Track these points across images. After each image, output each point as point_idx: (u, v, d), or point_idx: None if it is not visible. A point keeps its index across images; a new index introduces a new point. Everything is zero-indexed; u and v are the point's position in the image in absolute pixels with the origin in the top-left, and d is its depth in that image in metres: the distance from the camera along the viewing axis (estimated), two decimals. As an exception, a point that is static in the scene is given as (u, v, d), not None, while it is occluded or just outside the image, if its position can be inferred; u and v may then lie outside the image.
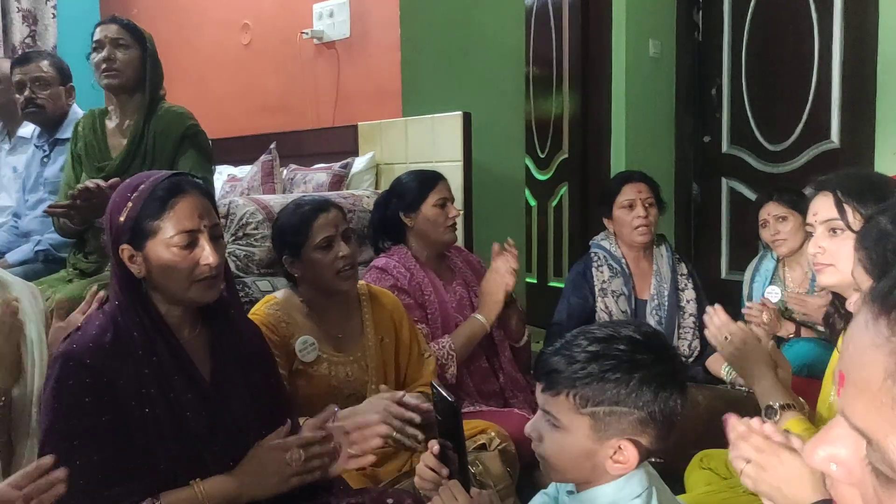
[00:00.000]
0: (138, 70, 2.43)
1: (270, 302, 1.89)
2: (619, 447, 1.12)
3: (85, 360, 1.29)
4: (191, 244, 1.34)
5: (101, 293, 1.84)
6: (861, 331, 0.55)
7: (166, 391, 1.33)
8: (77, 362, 1.29)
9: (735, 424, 1.11)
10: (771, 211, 2.58)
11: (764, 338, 1.55)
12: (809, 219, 1.47)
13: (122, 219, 1.34)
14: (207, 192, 1.44)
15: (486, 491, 1.20)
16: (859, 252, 1.22)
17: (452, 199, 2.36)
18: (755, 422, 1.13)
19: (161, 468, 1.29)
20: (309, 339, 1.84)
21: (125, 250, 1.35)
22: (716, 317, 1.59)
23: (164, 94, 2.53)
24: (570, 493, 1.23)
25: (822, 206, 1.43)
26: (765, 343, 1.53)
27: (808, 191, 1.51)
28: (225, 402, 1.38)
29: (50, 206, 2.37)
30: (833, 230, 1.41)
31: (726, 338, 1.56)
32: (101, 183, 2.21)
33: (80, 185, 2.25)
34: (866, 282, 1.22)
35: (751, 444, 1.07)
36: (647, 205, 2.50)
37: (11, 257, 2.76)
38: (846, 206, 1.39)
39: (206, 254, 1.35)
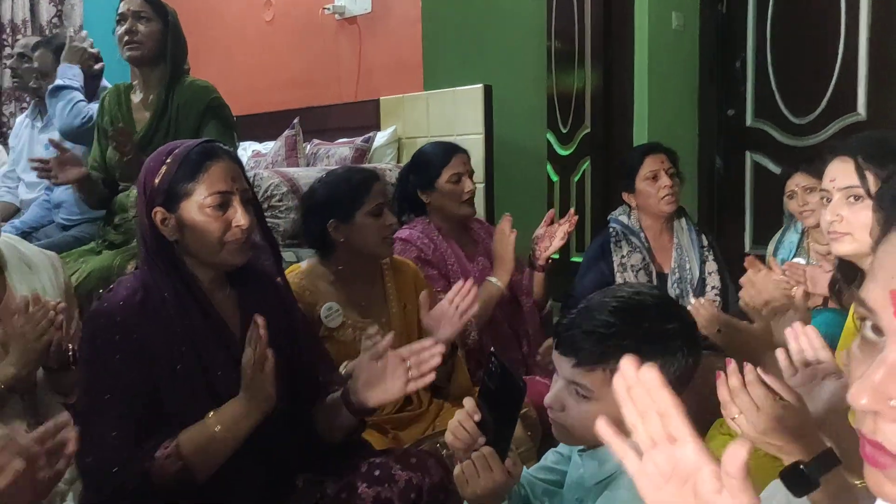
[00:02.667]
0: (160, 43, 2.46)
1: (295, 271, 1.94)
2: None
3: (115, 317, 1.32)
4: (223, 206, 1.38)
5: None
6: None
7: (198, 349, 1.36)
8: (108, 320, 1.33)
9: (732, 371, 1.10)
10: (799, 182, 2.57)
11: (758, 318, 1.53)
12: (825, 184, 1.40)
13: (156, 181, 1.38)
14: (238, 159, 1.48)
15: (518, 463, 1.20)
16: (878, 213, 1.20)
17: (470, 172, 2.36)
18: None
19: (191, 423, 1.33)
20: (334, 306, 1.89)
21: (158, 213, 1.38)
22: (703, 310, 1.57)
23: (189, 69, 2.56)
24: (581, 451, 1.25)
25: (841, 172, 1.37)
26: (758, 328, 1.52)
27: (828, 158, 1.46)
28: None
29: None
30: (853, 197, 1.35)
31: (719, 330, 1.55)
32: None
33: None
34: None
35: (754, 395, 1.07)
36: (670, 174, 2.50)
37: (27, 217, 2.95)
38: (867, 173, 1.33)
39: (239, 216, 1.38)
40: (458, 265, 2.29)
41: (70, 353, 1.61)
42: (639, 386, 0.72)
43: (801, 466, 1.01)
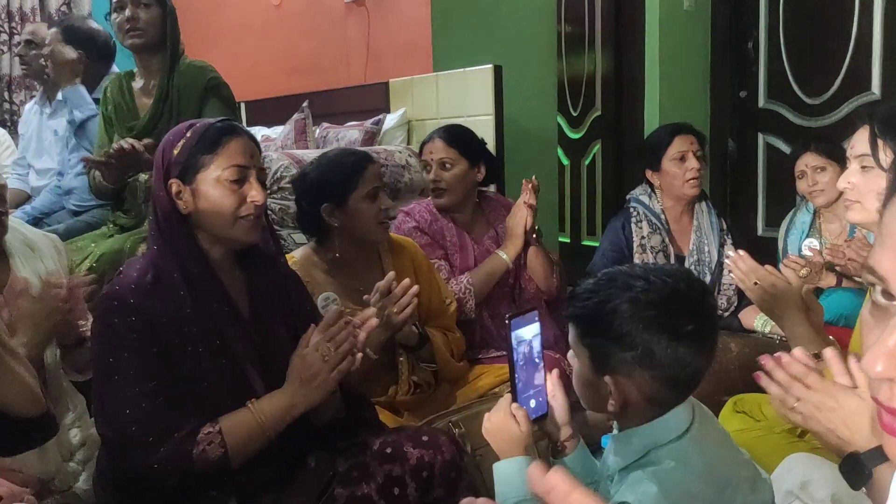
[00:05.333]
0: (160, 29, 2.45)
1: (290, 262, 1.90)
2: (612, 385, 1.10)
3: (128, 299, 1.32)
4: (240, 181, 1.38)
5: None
6: None
7: (213, 324, 1.36)
8: (121, 301, 1.32)
9: (788, 363, 1.08)
10: (809, 162, 2.55)
11: (795, 281, 1.53)
12: (848, 152, 1.41)
13: (175, 152, 1.38)
14: (255, 140, 1.48)
15: (525, 412, 1.19)
16: (889, 178, 1.18)
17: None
18: (797, 352, 1.11)
19: (210, 402, 1.33)
20: (331, 296, 1.87)
21: (174, 184, 1.38)
22: (741, 262, 1.57)
23: (184, 49, 2.55)
24: (613, 434, 1.24)
25: (859, 140, 1.37)
26: (795, 287, 1.51)
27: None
28: (265, 340, 1.42)
29: (85, 159, 2.41)
30: (864, 166, 1.36)
31: (755, 283, 1.54)
32: (136, 144, 2.26)
33: (115, 145, 2.29)
34: None
35: (806, 382, 1.05)
36: (697, 157, 2.48)
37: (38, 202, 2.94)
38: (879, 142, 1.32)
39: (255, 192, 1.38)
40: (458, 239, 2.28)
41: (83, 329, 1.61)
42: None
43: (859, 456, 0.99)
